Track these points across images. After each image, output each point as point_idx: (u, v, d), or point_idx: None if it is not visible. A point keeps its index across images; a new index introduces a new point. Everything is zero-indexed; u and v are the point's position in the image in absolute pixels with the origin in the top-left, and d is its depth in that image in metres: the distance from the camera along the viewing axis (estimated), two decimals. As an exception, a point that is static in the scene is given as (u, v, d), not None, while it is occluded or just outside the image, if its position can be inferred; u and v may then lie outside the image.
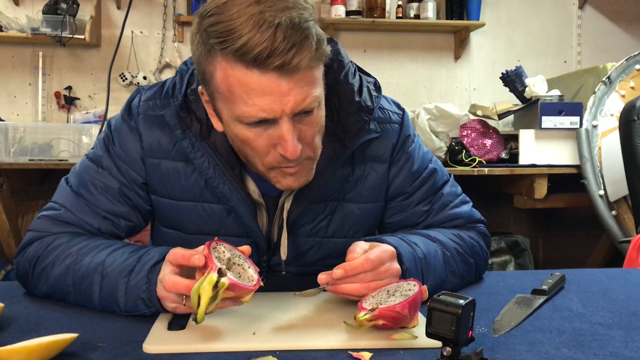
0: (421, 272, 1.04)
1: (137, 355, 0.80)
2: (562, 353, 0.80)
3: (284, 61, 0.89)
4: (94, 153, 1.16)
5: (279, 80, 0.91)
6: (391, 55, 3.79)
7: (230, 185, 1.08)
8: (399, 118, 1.20)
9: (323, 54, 0.96)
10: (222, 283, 0.82)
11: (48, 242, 1.08)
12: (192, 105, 1.08)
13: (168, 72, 3.62)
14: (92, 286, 0.99)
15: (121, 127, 1.15)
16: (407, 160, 1.19)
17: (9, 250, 2.99)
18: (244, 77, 0.91)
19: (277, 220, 1.15)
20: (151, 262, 0.95)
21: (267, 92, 0.92)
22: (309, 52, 0.91)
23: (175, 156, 1.12)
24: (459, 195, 1.24)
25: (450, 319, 0.70)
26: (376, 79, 1.20)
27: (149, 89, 1.17)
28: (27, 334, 0.85)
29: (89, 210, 1.11)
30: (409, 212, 1.21)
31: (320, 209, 1.16)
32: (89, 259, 1.02)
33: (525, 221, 3.78)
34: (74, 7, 3.27)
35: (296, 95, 0.93)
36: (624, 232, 2.83)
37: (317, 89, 0.97)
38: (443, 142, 3.02)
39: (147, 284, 0.94)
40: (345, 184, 1.16)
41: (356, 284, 0.93)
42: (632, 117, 2.28)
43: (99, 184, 1.12)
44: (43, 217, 1.13)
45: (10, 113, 3.51)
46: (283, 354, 0.80)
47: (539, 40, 3.89)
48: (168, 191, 1.14)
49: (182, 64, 1.15)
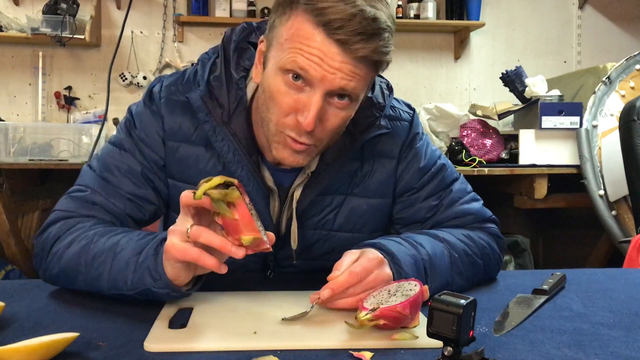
0: (424, 273, 1.04)
1: (138, 354, 0.80)
2: (563, 353, 0.80)
3: (348, 40, 0.94)
4: (116, 137, 1.18)
5: (336, 53, 0.95)
6: (391, 55, 3.78)
7: (247, 171, 1.10)
8: (409, 117, 1.23)
9: (385, 60, 1.01)
10: (232, 190, 0.82)
11: (72, 223, 1.08)
12: (215, 91, 1.11)
13: (168, 72, 3.61)
14: (103, 265, 0.99)
15: (143, 111, 1.16)
16: (414, 156, 1.21)
17: (9, 250, 2.99)
18: (309, 33, 0.96)
19: (286, 210, 1.16)
20: (161, 237, 0.95)
21: (319, 55, 0.95)
22: (372, 47, 0.95)
23: (195, 140, 1.13)
24: (469, 193, 1.24)
25: (451, 319, 0.70)
26: (388, 81, 1.22)
27: (170, 76, 1.19)
28: (27, 333, 0.85)
29: (114, 192, 1.12)
30: (417, 206, 1.21)
31: (328, 201, 1.17)
32: (104, 239, 1.02)
33: (525, 221, 3.78)
34: (74, 7, 3.27)
35: (342, 76, 0.96)
36: (624, 232, 2.83)
37: (361, 85, 1.00)
38: (443, 142, 3.03)
39: (154, 255, 0.93)
40: (354, 178, 1.18)
41: (347, 299, 0.94)
42: (632, 117, 2.28)
43: (122, 167, 1.14)
44: (70, 197, 1.13)
45: (10, 113, 3.52)
46: (284, 353, 0.80)
47: (539, 40, 3.89)
48: (185, 175, 1.15)
49: (204, 54, 1.18)
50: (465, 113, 3.16)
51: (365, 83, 1.02)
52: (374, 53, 0.96)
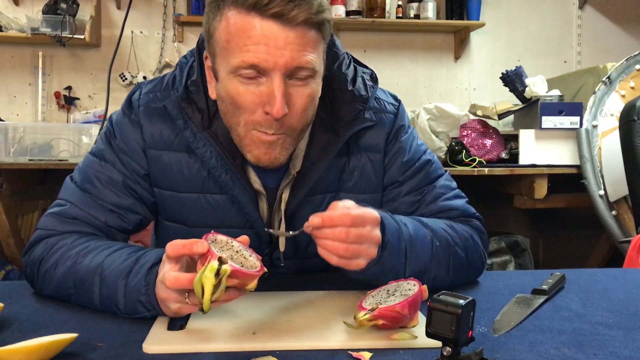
0: (404, 252, 1.02)
1: (137, 356, 0.80)
2: (562, 353, 0.80)
3: (283, 10, 0.94)
4: (97, 148, 1.17)
5: (277, 31, 0.95)
6: (391, 55, 3.79)
7: (232, 174, 1.09)
8: (394, 108, 1.21)
9: (324, 18, 0.99)
10: (224, 270, 0.81)
11: (53, 242, 1.08)
12: (193, 96, 1.10)
13: (168, 72, 3.62)
14: (92, 288, 0.99)
15: (122, 121, 1.16)
16: (399, 150, 1.19)
17: (9, 250, 2.99)
18: (244, 23, 0.96)
19: (276, 213, 1.15)
20: (148, 265, 0.95)
21: (263, 42, 0.95)
22: (308, 8, 0.95)
23: (177, 147, 1.12)
24: (453, 189, 1.22)
25: (450, 319, 0.70)
26: (373, 71, 1.21)
27: (149, 82, 1.19)
28: (27, 334, 0.85)
29: (95, 204, 1.12)
30: (399, 201, 1.19)
31: (319, 201, 1.15)
32: (88, 260, 1.01)
33: (525, 221, 3.78)
34: (74, 7, 3.27)
35: (292, 51, 0.96)
36: (624, 232, 2.83)
37: (313, 54, 0.99)
38: (443, 142, 3.02)
39: (145, 287, 0.93)
40: (342, 175, 1.16)
41: (334, 242, 0.90)
42: (632, 117, 2.28)
43: (103, 178, 1.13)
44: (50, 214, 1.13)
45: (10, 113, 3.51)
46: (283, 354, 0.80)
47: (539, 40, 3.89)
48: (170, 183, 1.14)
49: (182, 58, 1.17)
50: (465, 113, 3.15)
51: (317, 52, 1.00)
52: (313, 14, 0.96)
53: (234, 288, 0.85)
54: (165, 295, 0.89)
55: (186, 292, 0.86)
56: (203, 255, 0.84)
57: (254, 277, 0.85)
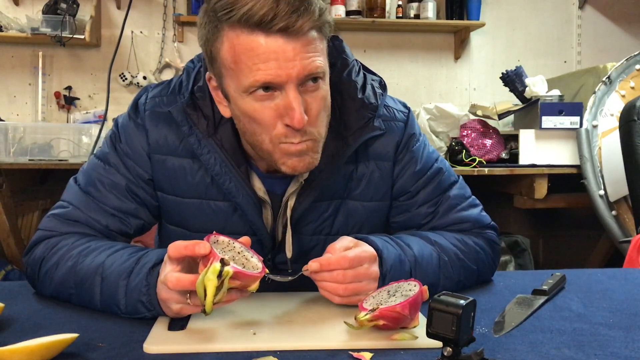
0: (409, 273, 1.04)
1: (138, 356, 0.80)
2: (563, 353, 0.80)
3: (288, 24, 0.92)
4: (101, 151, 1.17)
5: (284, 44, 0.94)
6: (391, 55, 3.79)
7: (236, 182, 1.09)
8: (404, 116, 1.20)
9: (325, 21, 0.99)
10: (226, 271, 0.82)
11: (54, 243, 1.08)
12: (199, 102, 1.09)
13: (168, 72, 3.62)
14: (93, 288, 0.99)
15: (127, 124, 1.15)
16: (410, 159, 1.18)
17: (9, 250, 2.99)
18: (249, 42, 0.94)
19: (281, 218, 1.15)
20: (149, 265, 0.95)
21: (272, 57, 0.94)
22: (311, 16, 0.94)
23: (181, 153, 1.12)
24: (467, 198, 1.21)
25: (450, 319, 0.70)
26: (382, 78, 1.20)
27: (156, 86, 1.18)
28: (27, 334, 0.85)
29: (97, 208, 1.12)
30: (413, 212, 1.19)
31: (325, 207, 1.15)
32: (89, 260, 1.02)
33: (525, 221, 3.78)
34: (74, 7, 3.27)
35: (302, 60, 0.95)
36: (624, 232, 2.83)
37: (321, 57, 0.99)
38: (443, 142, 3.02)
39: (146, 287, 0.93)
40: (350, 182, 1.16)
41: (333, 284, 0.94)
42: (632, 117, 2.28)
43: (106, 181, 1.13)
44: (52, 215, 1.13)
45: (10, 113, 3.51)
46: (283, 354, 0.80)
47: (539, 40, 3.89)
48: (174, 188, 1.14)
49: (189, 62, 1.16)
50: (465, 113, 3.16)
51: (323, 54, 1.00)
52: (317, 20, 0.96)
53: (235, 289, 0.85)
54: (166, 295, 0.90)
55: (188, 292, 0.87)
56: (205, 257, 0.84)
57: (256, 278, 0.86)
